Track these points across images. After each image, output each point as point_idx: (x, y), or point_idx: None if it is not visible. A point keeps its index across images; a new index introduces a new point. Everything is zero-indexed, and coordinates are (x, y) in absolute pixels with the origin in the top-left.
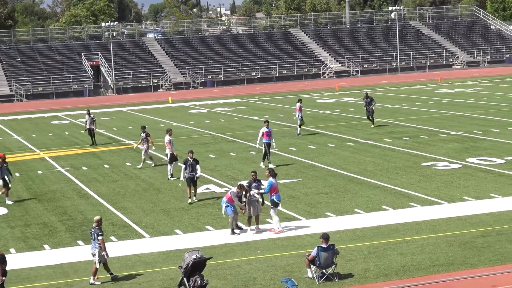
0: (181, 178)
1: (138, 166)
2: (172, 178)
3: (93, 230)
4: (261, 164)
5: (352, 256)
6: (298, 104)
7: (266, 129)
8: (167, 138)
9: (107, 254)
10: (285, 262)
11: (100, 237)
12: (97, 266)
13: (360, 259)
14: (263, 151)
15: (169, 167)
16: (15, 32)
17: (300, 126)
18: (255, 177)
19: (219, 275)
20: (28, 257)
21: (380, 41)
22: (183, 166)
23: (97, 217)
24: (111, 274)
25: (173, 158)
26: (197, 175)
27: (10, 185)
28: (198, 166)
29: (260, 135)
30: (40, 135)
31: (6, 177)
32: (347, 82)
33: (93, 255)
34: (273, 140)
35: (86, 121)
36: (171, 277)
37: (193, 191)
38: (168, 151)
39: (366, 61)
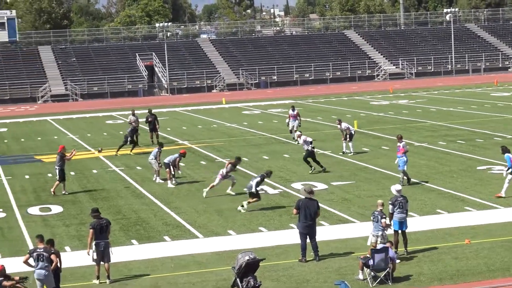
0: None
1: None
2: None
3: (376, 213)
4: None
5: (406, 259)
6: None
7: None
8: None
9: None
10: (338, 264)
11: (383, 220)
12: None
13: (414, 262)
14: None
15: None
16: (70, 32)
17: None
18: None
19: (272, 276)
20: (83, 255)
21: (434, 43)
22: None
23: (380, 201)
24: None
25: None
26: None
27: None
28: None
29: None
30: (95, 134)
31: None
32: (401, 84)
33: (376, 236)
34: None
35: (131, 122)
36: (224, 278)
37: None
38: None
39: (420, 63)
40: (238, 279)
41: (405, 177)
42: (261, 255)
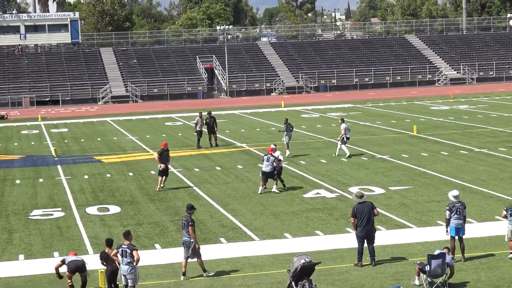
0: None
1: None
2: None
3: None
4: None
5: (463, 266)
6: None
7: None
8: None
9: None
10: (394, 269)
11: None
12: None
13: (472, 269)
14: None
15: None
16: (132, 34)
17: None
18: None
19: (327, 280)
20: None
21: (497, 49)
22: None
23: None
24: None
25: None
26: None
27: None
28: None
29: None
30: (154, 135)
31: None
32: (462, 89)
33: None
34: None
35: (197, 123)
36: (279, 281)
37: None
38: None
39: (482, 69)
40: (293, 282)
41: None
42: (317, 258)
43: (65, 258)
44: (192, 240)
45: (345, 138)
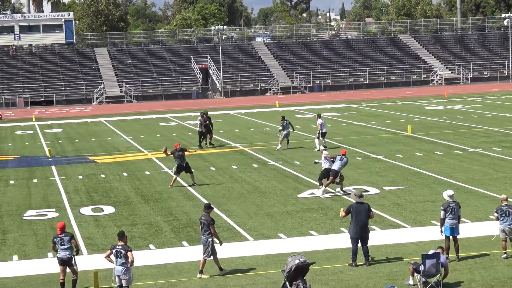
0: None
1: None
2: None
3: (504, 207)
4: None
5: (457, 266)
6: None
7: None
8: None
9: None
10: (389, 269)
11: None
12: None
13: (466, 269)
14: None
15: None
16: (126, 34)
17: None
18: None
19: (321, 280)
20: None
21: (491, 49)
22: None
23: (504, 195)
24: None
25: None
26: None
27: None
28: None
29: None
30: (148, 136)
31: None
32: (456, 89)
33: (507, 231)
34: None
35: (200, 124)
36: (273, 281)
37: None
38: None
39: (476, 69)
40: (287, 283)
41: None
42: (311, 258)
43: (55, 239)
44: (209, 239)
45: (321, 133)
